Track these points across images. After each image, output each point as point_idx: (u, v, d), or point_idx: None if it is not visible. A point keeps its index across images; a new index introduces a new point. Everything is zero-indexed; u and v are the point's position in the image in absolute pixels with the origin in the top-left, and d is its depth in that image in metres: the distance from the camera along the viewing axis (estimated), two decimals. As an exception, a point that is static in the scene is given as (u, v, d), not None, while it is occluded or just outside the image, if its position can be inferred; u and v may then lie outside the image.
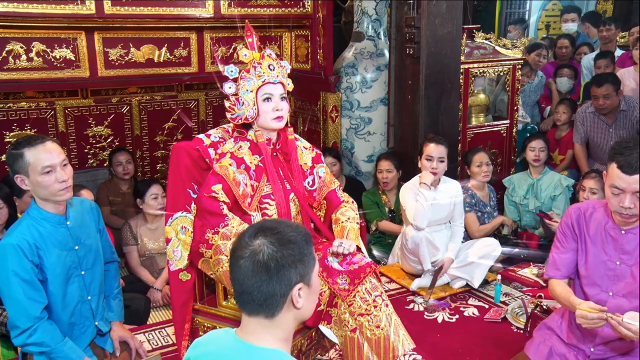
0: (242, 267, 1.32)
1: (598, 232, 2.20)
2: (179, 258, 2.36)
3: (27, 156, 2.14)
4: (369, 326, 2.24)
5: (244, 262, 1.32)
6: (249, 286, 1.32)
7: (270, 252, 1.31)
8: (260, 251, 1.31)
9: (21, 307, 2.14)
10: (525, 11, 8.06)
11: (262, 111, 2.35)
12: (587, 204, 2.29)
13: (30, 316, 2.15)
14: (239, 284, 1.34)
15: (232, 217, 2.24)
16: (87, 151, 4.62)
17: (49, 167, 2.15)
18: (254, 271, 1.31)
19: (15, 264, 2.13)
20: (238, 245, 1.36)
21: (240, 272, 1.33)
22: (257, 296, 1.32)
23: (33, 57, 3.86)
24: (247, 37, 2.39)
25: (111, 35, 4.09)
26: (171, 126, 4.87)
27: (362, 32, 4.91)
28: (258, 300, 1.32)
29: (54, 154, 2.18)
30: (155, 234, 3.79)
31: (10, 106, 4.28)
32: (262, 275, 1.31)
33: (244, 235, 1.36)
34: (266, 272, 1.30)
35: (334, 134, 4.79)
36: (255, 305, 1.34)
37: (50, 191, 2.17)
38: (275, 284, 1.31)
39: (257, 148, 2.40)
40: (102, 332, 2.42)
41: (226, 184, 2.27)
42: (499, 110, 4.92)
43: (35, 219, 2.21)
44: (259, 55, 2.35)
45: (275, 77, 2.36)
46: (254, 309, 1.35)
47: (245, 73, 2.34)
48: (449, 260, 3.60)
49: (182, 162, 2.37)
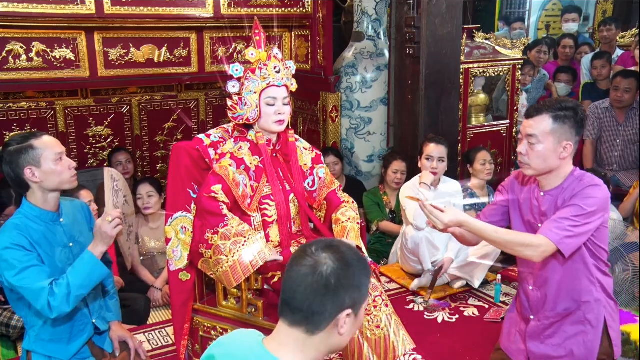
0: (300, 276, 1.30)
1: (529, 194, 2.23)
2: (179, 258, 2.36)
3: (37, 146, 2.16)
4: (369, 326, 2.24)
5: (304, 271, 1.30)
6: (302, 296, 1.30)
7: (334, 269, 1.29)
8: (325, 264, 1.30)
9: (34, 271, 2.11)
10: (525, 11, 8.06)
11: (264, 114, 2.34)
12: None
13: (46, 273, 2.13)
14: (291, 292, 1.31)
15: (231, 217, 2.24)
16: (87, 151, 4.62)
17: (61, 154, 2.21)
18: (312, 283, 1.29)
19: (13, 242, 2.13)
20: (301, 254, 1.34)
21: (296, 280, 1.31)
22: (307, 308, 1.30)
23: (33, 57, 3.85)
24: (255, 35, 2.36)
25: (111, 35, 4.08)
26: (171, 126, 4.87)
27: (362, 32, 4.91)
28: (306, 312, 1.30)
29: (58, 143, 2.24)
30: (155, 233, 3.79)
31: (10, 106, 4.28)
32: (320, 289, 1.29)
33: (310, 246, 1.35)
34: (324, 286, 1.29)
35: (334, 134, 4.79)
36: (301, 317, 1.31)
37: (63, 179, 2.20)
38: (328, 301, 1.29)
39: (257, 149, 2.40)
40: (99, 331, 2.42)
41: (226, 184, 2.27)
42: (499, 110, 4.92)
43: (29, 216, 2.21)
44: (265, 56, 2.33)
45: (280, 79, 2.34)
46: (298, 321, 1.31)
47: (250, 73, 2.32)
48: (449, 260, 3.60)
49: (182, 162, 2.37)
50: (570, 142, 2.07)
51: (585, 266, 2.12)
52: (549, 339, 2.21)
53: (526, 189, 2.26)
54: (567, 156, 2.09)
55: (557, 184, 2.14)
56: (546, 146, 2.07)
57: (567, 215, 2.02)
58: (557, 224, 2.02)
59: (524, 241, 2.05)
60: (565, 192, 2.12)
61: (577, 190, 2.07)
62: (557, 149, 2.07)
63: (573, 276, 2.13)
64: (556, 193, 2.14)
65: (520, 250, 2.05)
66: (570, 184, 2.12)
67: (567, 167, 2.13)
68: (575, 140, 2.09)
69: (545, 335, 2.22)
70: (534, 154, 2.09)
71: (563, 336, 2.19)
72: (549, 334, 2.22)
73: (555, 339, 2.20)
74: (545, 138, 2.06)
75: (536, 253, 2.03)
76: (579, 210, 2.02)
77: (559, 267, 2.14)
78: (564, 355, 2.18)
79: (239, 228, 2.21)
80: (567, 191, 2.11)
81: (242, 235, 2.19)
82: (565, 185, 2.12)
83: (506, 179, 2.39)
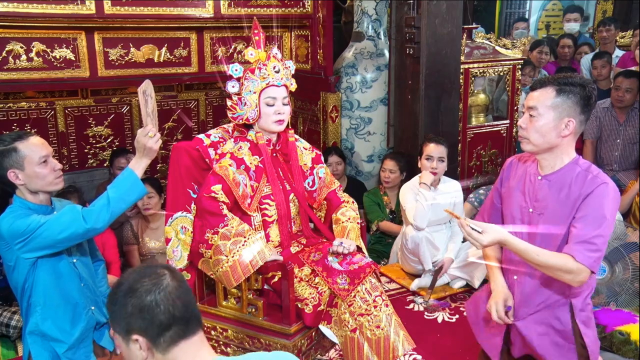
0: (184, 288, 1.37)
1: (524, 176, 2.15)
2: (178, 258, 2.36)
3: (21, 149, 2.17)
4: (369, 326, 2.24)
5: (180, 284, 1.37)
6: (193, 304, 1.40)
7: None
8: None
9: (64, 215, 2.15)
10: (525, 11, 8.06)
11: (263, 113, 2.34)
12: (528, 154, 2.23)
13: (76, 210, 2.17)
14: (190, 305, 1.37)
15: (231, 217, 2.24)
16: (87, 151, 4.61)
17: (45, 157, 2.21)
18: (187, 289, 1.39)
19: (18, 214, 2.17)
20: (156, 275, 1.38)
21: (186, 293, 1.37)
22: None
23: (33, 57, 3.85)
24: (255, 35, 2.37)
25: (111, 35, 4.08)
26: (171, 126, 4.87)
27: (362, 32, 4.91)
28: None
29: (44, 145, 2.24)
30: (156, 233, 3.78)
31: (10, 106, 4.28)
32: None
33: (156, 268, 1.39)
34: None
35: (334, 134, 4.79)
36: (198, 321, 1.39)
37: (47, 181, 2.22)
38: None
39: (257, 149, 2.40)
40: (98, 325, 2.43)
41: (226, 184, 2.27)
42: (499, 110, 4.92)
43: (22, 209, 2.22)
44: (265, 56, 2.33)
45: (280, 79, 2.34)
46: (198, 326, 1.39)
47: (249, 73, 2.33)
48: (449, 260, 3.60)
49: (182, 162, 2.38)
50: (572, 119, 1.96)
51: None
52: (528, 331, 2.15)
53: (523, 167, 2.17)
54: (569, 134, 1.99)
55: (557, 167, 2.04)
56: (546, 120, 1.97)
57: (597, 231, 1.92)
58: (590, 247, 1.92)
59: (565, 267, 1.93)
60: (567, 180, 2.01)
61: (589, 188, 1.96)
62: (558, 125, 1.97)
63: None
64: (555, 178, 2.04)
65: (560, 275, 1.95)
66: (573, 173, 2.01)
67: (569, 148, 2.03)
68: (579, 119, 1.98)
69: (525, 328, 2.16)
70: (533, 127, 2.00)
71: (540, 330, 2.12)
72: (527, 326, 2.15)
73: (533, 332, 2.14)
74: (547, 111, 1.97)
75: (576, 280, 1.95)
76: (601, 219, 1.93)
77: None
78: (543, 349, 2.12)
79: (239, 228, 2.21)
80: (573, 182, 2.00)
81: (242, 235, 2.19)
82: (566, 172, 2.02)
83: (506, 160, 2.31)
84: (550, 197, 2.05)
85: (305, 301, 2.27)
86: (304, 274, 2.31)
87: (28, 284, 2.23)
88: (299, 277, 2.30)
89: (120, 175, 2.21)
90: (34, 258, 2.20)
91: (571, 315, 2.09)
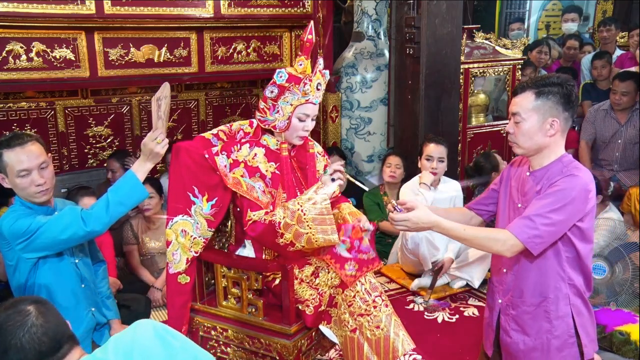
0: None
1: (520, 174, 2.19)
2: (178, 261, 2.34)
3: (4, 157, 2.16)
4: (369, 326, 2.24)
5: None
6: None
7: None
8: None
9: (64, 217, 2.15)
10: (525, 11, 8.06)
11: (292, 127, 2.31)
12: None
13: (76, 212, 2.16)
14: (59, 334, 1.37)
15: (271, 215, 2.22)
16: (87, 151, 4.61)
17: (25, 171, 2.16)
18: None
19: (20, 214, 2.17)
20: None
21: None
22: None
23: (33, 57, 3.85)
24: (308, 41, 2.26)
25: (111, 35, 4.08)
26: (171, 126, 4.86)
27: (362, 32, 4.91)
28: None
29: (32, 156, 2.16)
30: (156, 233, 3.78)
31: (10, 106, 4.27)
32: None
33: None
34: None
35: (334, 134, 4.79)
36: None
37: (27, 192, 2.20)
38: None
39: (272, 154, 2.36)
40: (98, 325, 2.43)
41: (248, 200, 2.25)
42: (499, 110, 4.92)
43: (24, 209, 2.22)
44: (311, 69, 2.27)
45: (318, 97, 2.32)
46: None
47: (294, 84, 2.24)
48: (449, 260, 3.60)
49: (183, 162, 2.35)
50: (556, 119, 2.01)
51: (558, 262, 2.05)
52: (515, 332, 2.15)
53: (519, 169, 2.22)
54: (555, 133, 2.02)
55: (545, 164, 2.08)
56: (531, 123, 2.02)
57: (540, 211, 1.96)
58: (527, 222, 1.96)
59: (490, 235, 2.03)
60: (547, 175, 2.05)
61: (557, 178, 2.01)
62: (542, 126, 2.01)
63: (542, 271, 2.07)
64: (540, 174, 2.08)
65: (490, 245, 2.03)
66: (554, 168, 2.05)
67: (557, 146, 2.07)
68: (563, 117, 2.01)
69: (512, 328, 2.16)
70: (519, 132, 2.05)
71: (529, 330, 2.12)
72: (514, 326, 2.15)
73: (522, 331, 2.14)
74: (529, 115, 2.02)
75: (504, 247, 1.99)
76: (552, 203, 1.95)
77: (528, 260, 2.08)
78: (533, 348, 2.12)
79: (287, 212, 2.19)
80: (550, 175, 2.04)
81: (293, 212, 2.17)
82: (550, 168, 2.06)
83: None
84: (531, 191, 2.10)
85: (306, 302, 2.26)
86: (305, 275, 2.31)
87: (29, 284, 2.23)
88: (300, 278, 2.30)
89: (121, 178, 2.21)
90: (35, 258, 2.20)
91: (563, 305, 2.09)
